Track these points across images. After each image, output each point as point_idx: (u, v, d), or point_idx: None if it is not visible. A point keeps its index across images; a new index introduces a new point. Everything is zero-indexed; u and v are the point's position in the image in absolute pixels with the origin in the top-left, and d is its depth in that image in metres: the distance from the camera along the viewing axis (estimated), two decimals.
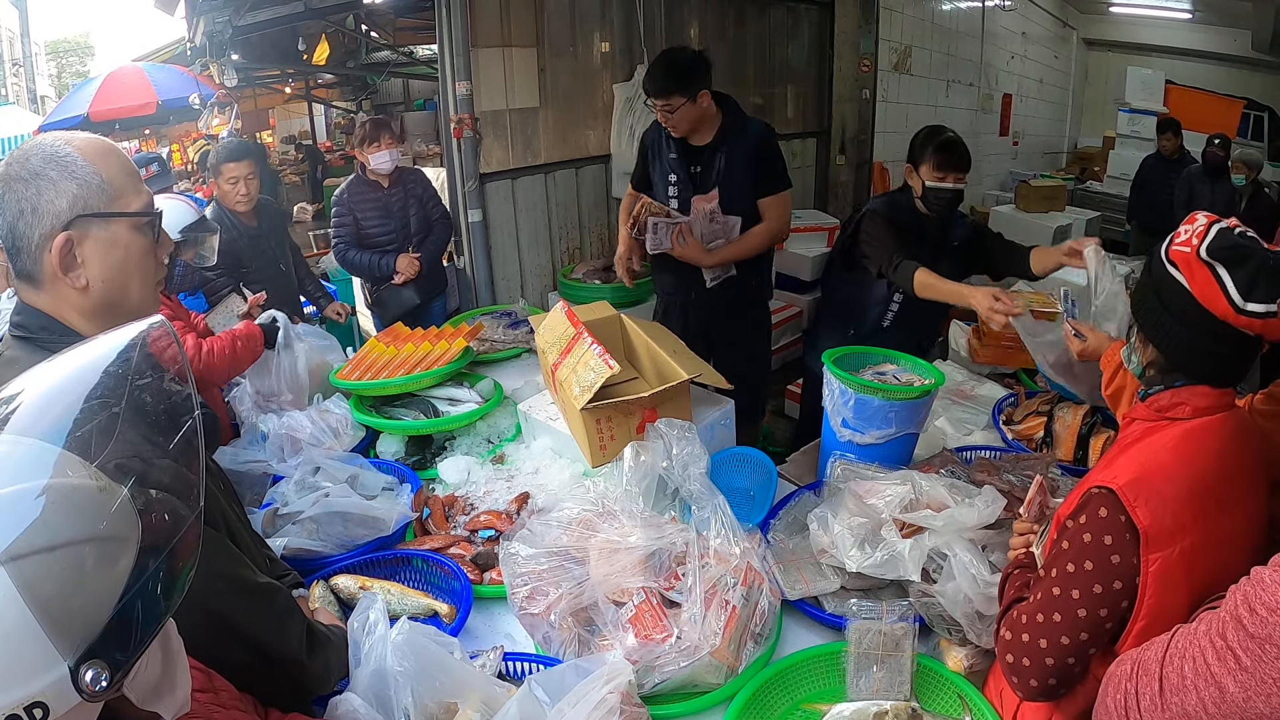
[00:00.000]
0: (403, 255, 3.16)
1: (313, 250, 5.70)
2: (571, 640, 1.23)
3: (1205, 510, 0.93)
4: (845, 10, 5.22)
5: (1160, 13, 8.03)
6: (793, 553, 1.45)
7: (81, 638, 0.50)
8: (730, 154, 2.43)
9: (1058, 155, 9.39)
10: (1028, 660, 0.95)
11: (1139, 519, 0.90)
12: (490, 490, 1.78)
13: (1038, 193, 6.40)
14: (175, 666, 0.63)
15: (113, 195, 0.97)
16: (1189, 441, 0.98)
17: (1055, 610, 0.93)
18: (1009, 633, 0.99)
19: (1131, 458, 0.97)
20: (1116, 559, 0.91)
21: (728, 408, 1.85)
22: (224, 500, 1.14)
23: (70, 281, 0.97)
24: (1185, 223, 1.00)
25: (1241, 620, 0.72)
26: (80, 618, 0.51)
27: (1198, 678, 0.75)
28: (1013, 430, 1.99)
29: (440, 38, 3.33)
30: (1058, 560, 0.96)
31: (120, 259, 0.99)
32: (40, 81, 18.50)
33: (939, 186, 2.16)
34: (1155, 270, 1.02)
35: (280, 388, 2.11)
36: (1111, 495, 0.92)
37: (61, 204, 0.94)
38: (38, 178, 0.93)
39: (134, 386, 0.60)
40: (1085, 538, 0.93)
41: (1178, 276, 0.97)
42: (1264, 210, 4.46)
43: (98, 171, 0.96)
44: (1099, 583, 0.91)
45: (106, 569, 0.52)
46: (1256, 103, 7.66)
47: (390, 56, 7.20)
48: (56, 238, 0.94)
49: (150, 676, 0.59)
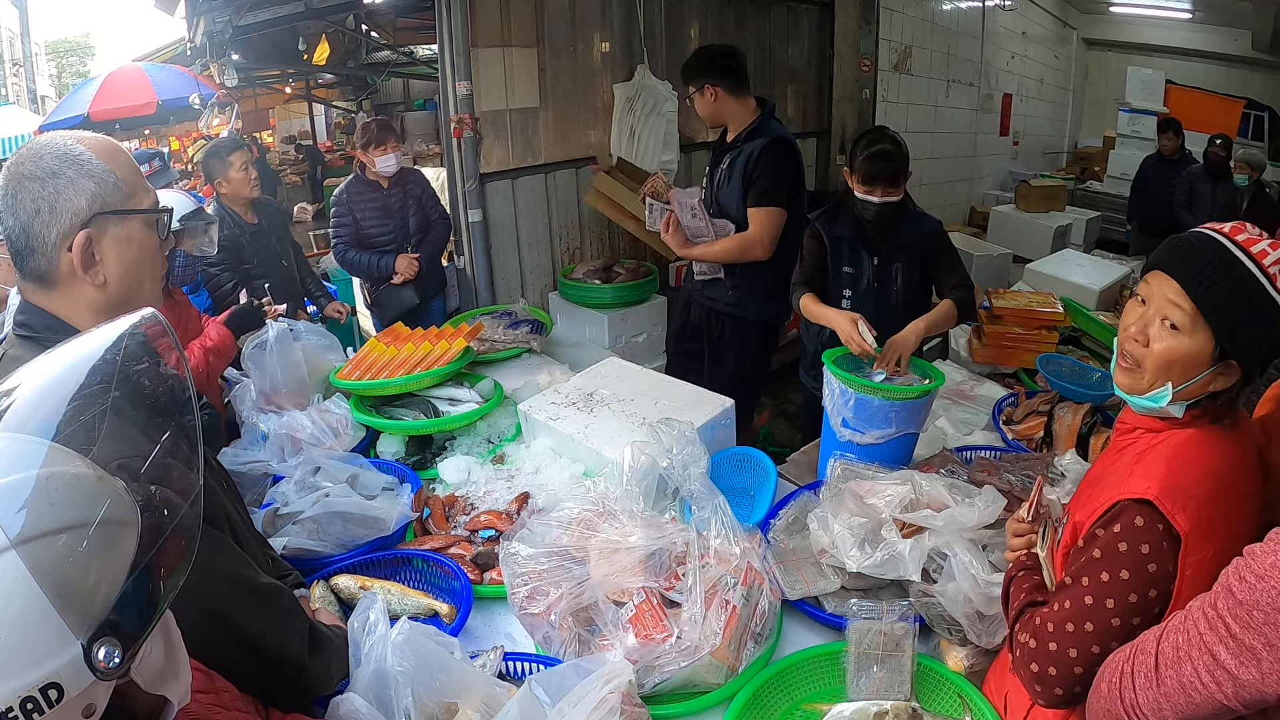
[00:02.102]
0: (402, 255, 3.17)
1: (313, 250, 5.70)
2: (571, 640, 1.23)
3: (1231, 510, 0.93)
4: (845, 10, 5.22)
5: (1160, 13, 8.02)
6: (793, 553, 1.45)
7: (93, 616, 0.52)
8: (735, 161, 2.48)
9: (1058, 155, 9.38)
10: (1054, 669, 0.94)
11: (1180, 525, 0.90)
12: (490, 490, 1.78)
13: (1038, 192, 6.41)
14: (177, 655, 0.65)
15: (127, 193, 0.99)
16: (1206, 443, 0.97)
17: (1087, 619, 0.92)
18: (1032, 640, 0.98)
19: (1153, 465, 0.96)
20: (1153, 567, 0.91)
21: (728, 408, 1.85)
22: (227, 500, 1.14)
23: (90, 279, 0.97)
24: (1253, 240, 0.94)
25: (1231, 589, 0.73)
26: (91, 596, 0.52)
27: (1191, 647, 0.76)
28: (1013, 430, 2.00)
29: (440, 38, 3.33)
30: (1088, 569, 0.94)
31: (135, 255, 1.01)
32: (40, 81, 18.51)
33: (865, 199, 2.03)
34: (1257, 290, 0.91)
35: (280, 388, 2.11)
36: (1148, 505, 0.91)
37: (80, 202, 0.95)
38: (55, 176, 0.94)
39: (126, 376, 0.62)
40: (1121, 547, 0.92)
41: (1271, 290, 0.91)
42: (1265, 210, 4.46)
43: (111, 170, 0.97)
44: (1134, 591, 0.91)
45: (113, 550, 0.54)
46: (1256, 103, 7.66)
47: (390, 56, 7.20)
48: (77, 235, 0.95)
49: (155, 662, 0.61)
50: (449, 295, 3.70)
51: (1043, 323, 2.49)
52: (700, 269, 2.66)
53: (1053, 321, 2.50)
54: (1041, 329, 2.48)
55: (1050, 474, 1.62)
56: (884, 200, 2.02)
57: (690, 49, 4.50)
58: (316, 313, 3.21)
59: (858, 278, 2.16)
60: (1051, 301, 2.60)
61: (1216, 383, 0.96)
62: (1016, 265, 4.74)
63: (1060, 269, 3.35)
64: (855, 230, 2.13)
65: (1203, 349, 0.94)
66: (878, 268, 2.14)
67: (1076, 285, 3.15)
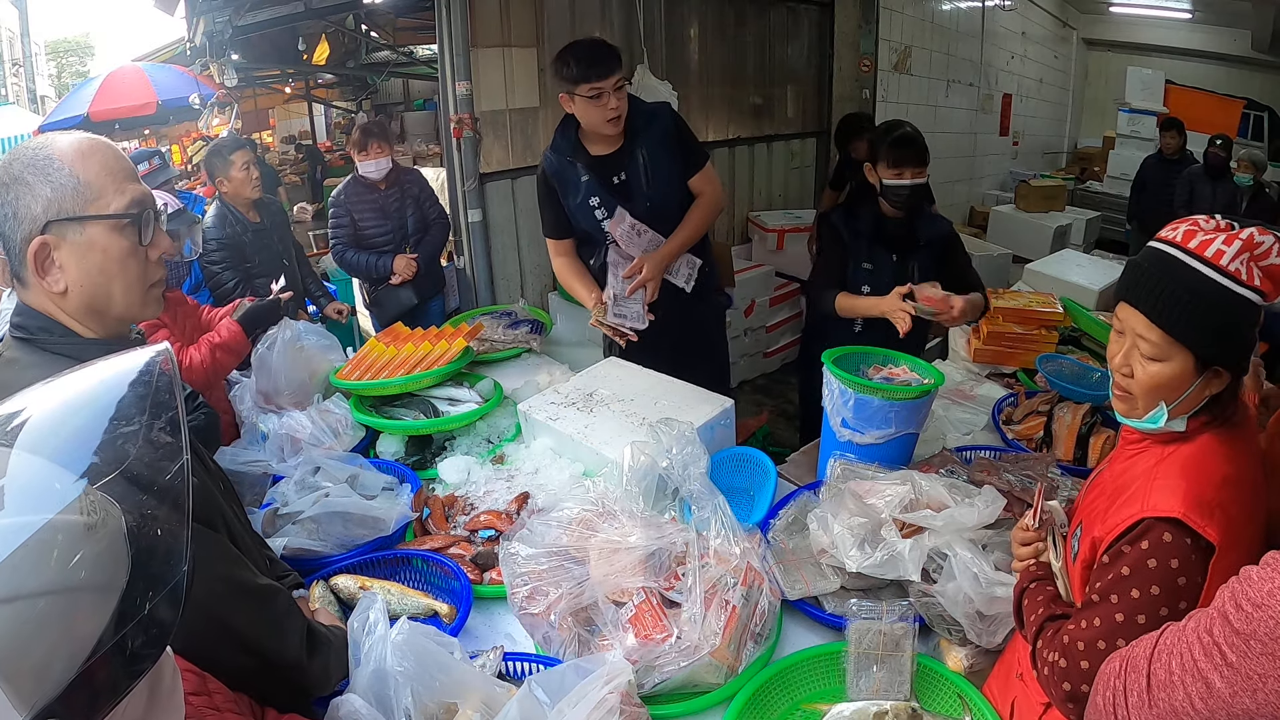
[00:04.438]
0: (400, 256, 3.17)
1: (312, 250, 5.70)
2: (571, 640, 1.23)
3: (1252, 509, 0.94)
4: (845, 10, 5.22)
5: (1160, 13, 8.03)
6: (793, 553, 1.45)
7: (38, 696, 0.45)
8: (648, 148, 2.14)
9: (1058, 155, 9.39)
10: (1086, 687, 0.94)
11: (1211, 536, 0.90)
12: (490, 490, 1.78)
13: (1038, 192, 6.42)
14: (168, 702, 0.58)
15: (89, 197, 0.96)
16: (1219, 447, 0.98)
17: (1120, 636, 0.92)
18: (1063, 659, 0.97)
19: (1172, 478, 0.96)
20: (1183, 580, 0.91)
21: (728, 408, 1.85)
22: (224, 501, 1.14)
23: (48, 285, 0.96)
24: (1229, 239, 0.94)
25: (1228, 616, 0.72)
26: (34, 676, 0.45)
27: (1185, 673, 0.75)
28: (1012, 430, 2.00)
29: (440, 38, 3.33)
30: (1117, 587, 0.94)
31: (98, 262, 0.97)
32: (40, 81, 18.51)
33: (896, 184, 2.09)
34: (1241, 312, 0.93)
35: (280, 388, 2.11)
36: (1176, 523, 0.92)
37: (36, 209, 0.94)
38: (16, 182, 0.94)
39: (142, 422, 0.54)
40: (1150, 564, 0.92)
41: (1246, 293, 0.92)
42: (1265, 210, 4.47)
43: (75, 174, 0.95)
44: (1166, 605, 0.91)
45: (74, 622, 0.46)
46: (1256, 103, 7.67)
47: (390, 56, 7.21)
48: (32, 242, 0.94)
49: (132, 715, 0.54)
50: (448, 295, 3.70)
51: (1042, 323, 2.49)
52: (684, 277, 2.26)
53: (1052, 321, 2.50)
54: (1041, 329, 2.47)
55: (1049, 475, 1.62)
56: (914, 182, 2.08)
57: (690, 49, 4.52)
58: (316, 313, 3.22)
59: (878, 274, 2.18)
60: (1051, 301, 2.61)
61: (1211, 387, 0.97)
62: (1016, 265, 4.74)
63: (1060, 269, 3.36)
64: (876, 226, 2.17)
65: (1183, 368, 0.96)
66: (897, 264, 2.17)
67: (1076, 285, 3.15)
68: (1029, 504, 1.30)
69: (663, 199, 2.18)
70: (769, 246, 4.87)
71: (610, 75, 2.00)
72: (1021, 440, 1.94)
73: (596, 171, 2.15)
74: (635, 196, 2.16)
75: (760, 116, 5.10)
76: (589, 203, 2.16)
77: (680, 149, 2.19)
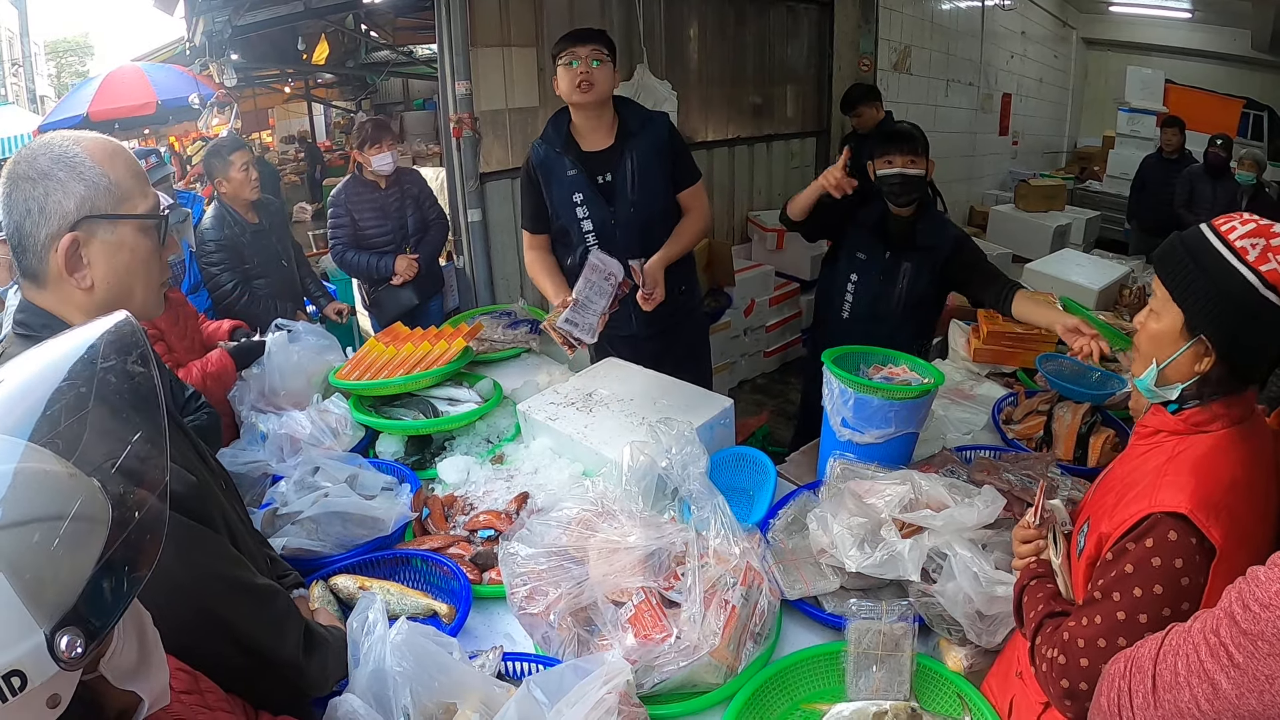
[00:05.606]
0: (401, 256, 3.17)
1: (312, 250, 5.69)
2: (570, 640, 1.23)
3: (1261, 512, 0.94)
4: (845, 10, 5.22)
5: (1160, 12, 8.04)
6: (792, 553, 1.44)
7: (56, 606, 0.53)
8: (639, 152, 2.12)
9: (1057, 155, 9.39)
10: (1086, 684, 0.94)
11: (1214, 537, 0.90)
12: (490, 490, 1.78)
13: (1037, 192, 6.41)
14: (151, 655, 0.66)
15: (120, 197, 0.98)
16: (1230, 448, 0.98)
17: (1120, 635, 0.92)
18: (1062, 656, 0.98)
19: (1181, 475, 0.96)
20: (1186, 581, 0.91)
21: (727, 407, 1.85)
22: (225, 500, 1.14)
23: (75, 282, 0.97)
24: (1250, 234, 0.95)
25: (1235, 616, 0.72)
26: (55, 587, 0.53)
27: (1190, 674, 0.74)
28: (1012, 430, 1.99)
29: (440, 37, 3.33)
30: (1120, 584, 0.94)
31: (126, 261, 1.00)
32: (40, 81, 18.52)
33: (886, 172, 2.10)
34: (1228, 281, 0.95)
35: (279, 388, 2.10)
36: (1182, 519, 0.92)
37: (69, 205, 0.94)
38: (45, 178, 0.94)
39: (102, 377, 0.63)
40: (1154, 562, 0.92)
41: (1244, 271, 0.93)
42: (1265, 209, 4.45)
43: (105, 173, 0.96)
44: (1168, 605, 0.91)
45: (80, 544, 0.55)
46: (1256, 102, 7.67)
47: (390, 56, 7.21)
48: (63, 238, 0.94)
49: (127, 660, 0.62)
50: (448, 295, 3.70)
51: None
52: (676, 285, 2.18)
53: None
54: (1041, 328, 2.46)
55: (1050, 475, 1.61)
56: (904, 171, 2.08)
57: (690, 49, 4.52)
58: (316, 313, 3.22)
59: (868, 266, 2.22)
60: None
61: (1201, 363, 0.99)
62: (1016, 265, 4.73)
63: (1060, 269, 3.36)
64: (879, 221, 2.20)
65: (1173, 325, 1.01)
66: (889, 260, 2.19)
67: (1076, 285, 3.15)
68: (1029, 503, 1.30)
69: (647, 205, 2.14)
70: (768, 246, 4.87)
71: (586, 43, 2.00)
72: (1021, 440, 1.94)
73: (584, 167, 2.12)
74: (619, 198, 2.13)
75: (760, 116, 5.10)
76: (572, 198, 2.13)
77: (672, 160, 2.16)
